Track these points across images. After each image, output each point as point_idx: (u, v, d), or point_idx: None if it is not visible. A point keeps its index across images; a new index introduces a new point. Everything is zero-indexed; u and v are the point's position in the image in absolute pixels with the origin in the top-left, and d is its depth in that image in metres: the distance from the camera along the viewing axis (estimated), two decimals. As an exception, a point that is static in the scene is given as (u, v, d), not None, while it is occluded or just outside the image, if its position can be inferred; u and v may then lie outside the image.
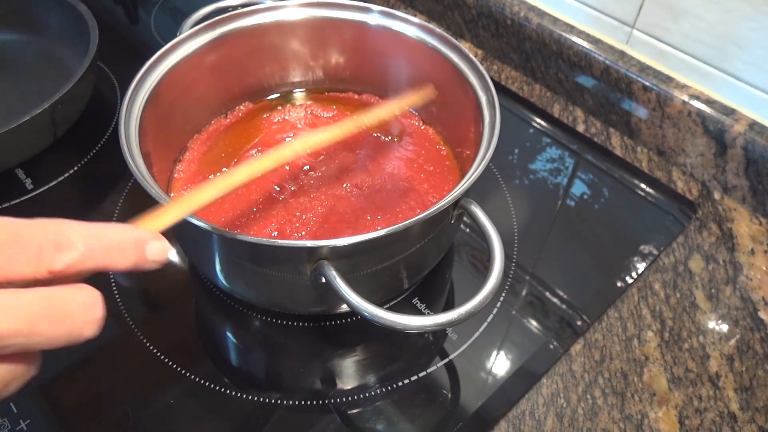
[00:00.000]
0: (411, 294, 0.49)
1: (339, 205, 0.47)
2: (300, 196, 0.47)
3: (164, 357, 0.44)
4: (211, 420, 0.42)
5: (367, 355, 0.46)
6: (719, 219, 0.56)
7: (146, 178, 0.38)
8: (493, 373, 0.44)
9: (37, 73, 0.66)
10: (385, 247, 0.39)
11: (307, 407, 0.42)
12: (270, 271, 0.40)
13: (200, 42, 0.49)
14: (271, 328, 0.47)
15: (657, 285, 0.50)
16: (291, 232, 0.45)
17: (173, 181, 0.49)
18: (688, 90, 0.57)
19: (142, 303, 0.48)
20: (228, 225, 0.45)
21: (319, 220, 0.46)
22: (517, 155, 0.61)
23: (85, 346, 0.45)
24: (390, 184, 0.49)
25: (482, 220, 0.38)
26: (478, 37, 0.73)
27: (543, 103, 0.67)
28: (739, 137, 0.54)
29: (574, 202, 0.57)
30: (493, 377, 0.44)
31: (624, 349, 0.46)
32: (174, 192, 0.48)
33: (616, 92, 0.62)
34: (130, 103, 0.43)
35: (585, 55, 0.63)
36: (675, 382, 0.44)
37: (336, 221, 0.46)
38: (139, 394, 0.43)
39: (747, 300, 0.50)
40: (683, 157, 0.59)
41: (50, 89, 0.54)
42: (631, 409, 0.43)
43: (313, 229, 0.45)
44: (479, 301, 0.35)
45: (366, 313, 0.35)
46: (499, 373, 0.44)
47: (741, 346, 0.47)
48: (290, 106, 0.57)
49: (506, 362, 0.45)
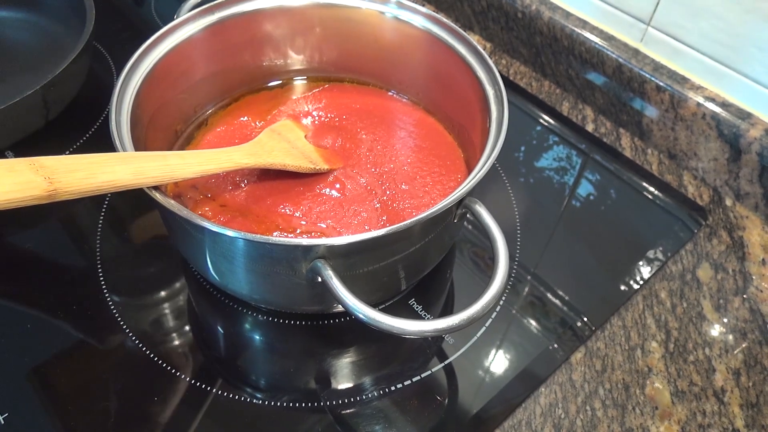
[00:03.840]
0: (407, 295, 0.47)
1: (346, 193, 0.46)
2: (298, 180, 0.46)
3: (152, 354, 0.43)
4: (199, 419, 0.41)
5: (363, 356, 0.45)
6: (730, 227, 0.54)
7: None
8: (492, 378, 0.43)
9: (31, 52, 0.64)
10: (385, 246, 0.38)
11: (301, 408, 0.41)
12: (264, 269, 0.38)
13: (198, 26, 0.47)
14: (265, 327, 0.46)
15: (663, 293, 0.49)
16: (292, 219, 0.44)
17: None
18: (703, 92, 0.56)
19: (131, 298, 0.47)
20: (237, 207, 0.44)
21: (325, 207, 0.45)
22: (523, 153, 0.60)
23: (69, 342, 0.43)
24: (395, 173, 0.48)
25: (487, 220, 0.37)
26: (487, 29, 0.71)
27: (552, 101, 0.65)
28: (754, 142, 0.52)
29: (580, 203, 0.56)
30: (491, 382, 0.43)
31: (626, 360, 0.45)
32: (169, 185, 0.47)
33: (628, 91, 0.60)
34: (123, 86, 0.41)
35: (597, 52, 0.61)
36: (678, 395, 0.43)
37: (337, 209, 0.45)
38: (124, 392, 0.41)
39: (756, 312, 0.48)
40: (695, 161, 0.58)
41: (44, 69, 0.52)
42: (632, 423, 0.41)
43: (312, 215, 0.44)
44: (482, 307, 0.34)
45: (362, 316, 0.34)
46: (498, 379, 0.43)
47: (748, 360, 0.45)
48: (290, 93, 0.55)
49: (506, 367, 0.44)
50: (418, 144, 0.51)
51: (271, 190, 0.46)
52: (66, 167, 0.33)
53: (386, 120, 0.53)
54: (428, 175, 0.48)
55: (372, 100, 0.55)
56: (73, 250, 0.49)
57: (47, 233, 0.51)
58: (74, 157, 0.34)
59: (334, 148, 0.50)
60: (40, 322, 0.44)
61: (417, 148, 0.51)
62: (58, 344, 0.43)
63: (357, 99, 0.55)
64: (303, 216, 0.44)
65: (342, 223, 0.44)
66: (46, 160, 0.33)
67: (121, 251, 0.50)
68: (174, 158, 0.38)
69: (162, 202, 0.36)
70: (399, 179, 0.48)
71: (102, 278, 0.47)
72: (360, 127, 0.52)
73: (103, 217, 0.51)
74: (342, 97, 0.55)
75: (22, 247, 0.50)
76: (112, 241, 0.50)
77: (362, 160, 0.49)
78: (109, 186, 0.35)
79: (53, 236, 0.51)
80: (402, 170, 0.48)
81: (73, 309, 0.45)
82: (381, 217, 0.45)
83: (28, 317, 0.45)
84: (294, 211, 0.45)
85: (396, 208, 0.46)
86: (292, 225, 0.44)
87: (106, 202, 0.52)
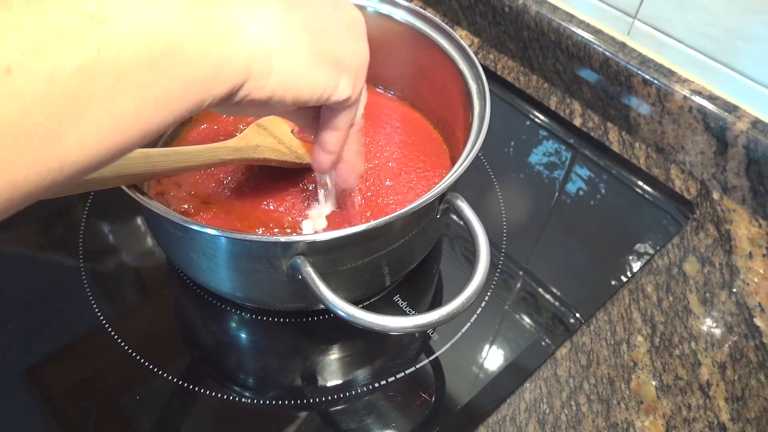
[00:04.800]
0: (392, 291, 0.47)
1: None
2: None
3: (135, 353, 0.43)
4: (183, 419, 0.40)
5: (348, 352, 0.45)
6: (717, 220, 0.54)
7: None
8: (478, 373, 0.43)
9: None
10: (366, 242, 0.38)
11: (288, 406, 0.41)
12: (245, 267, 0.38)
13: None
14: (250, 325, 0.45)
15: (649, 288, 0.49)
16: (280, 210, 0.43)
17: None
18: (689, 85, 0.55)
19: (114, 297, 0.46)
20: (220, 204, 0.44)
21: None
22: (511, 148, 0.59)
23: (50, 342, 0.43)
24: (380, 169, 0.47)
25: (468, 215, 0.37)
26: (474, 24, 0.71)
27: (540, 95, 0.65)
28: (741, 135, 0.52)
29: (569, 198, 0.55)
30: (477, 377, 0.43)
31: (612, 354, 0.45)
32: (152, 183, 0.46)
33: (616, 85, 0.60)
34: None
35: (584, 46, 0.60)
36: (664, 389, 0.43)
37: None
38: (107, 392, 0.41)
39: (742, 306, 0.48)
40: (682, 155, 0.57)
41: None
42: (617, 417, 0.41)
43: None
44: (462, 302, 0.34)
45: (342, 313, 0.33)
46: (484, 373, 0.43)
47: (734, 354, 0.45)
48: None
49: (492, 362, 0.43)
50: (403, 140, 0.51)
51: (255, 186, 0.46)
52: None
53: (372, 115, 0.52)
54: (413, 171, 0.48)
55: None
56: (54, 247, 0.49)
57: (28, 229, 0.50)
58: None
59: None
60: (20, 322, 0.44)
61: (402, 143, 0.50)
62: (39, 344, 0.43)
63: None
64: (286, 212, 0.44)
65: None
66: None
67: (104, 249, 0.49)
68: (156, 155, 0.38)
69: (140, 200, 0.35)
70: (384, 175, 0.47)
71: (84, 277, 0.46)
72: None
73: (86, 215, 0.51)
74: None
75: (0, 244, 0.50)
76: (95, 239, 0.50)
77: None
78: (89, 184, 0.34)
79: (35, 233, 0.50)
80: (387, 166, 0.48)
81: (55, 308, 0.45)
82: (365, 213, 0.45)
83: (8, 316, 0.44)
84: (277, 207, 0.44)
85: (380, 204, 0.45)
86: (275, 221, 0.44)
87: (90, 198, 0.52)
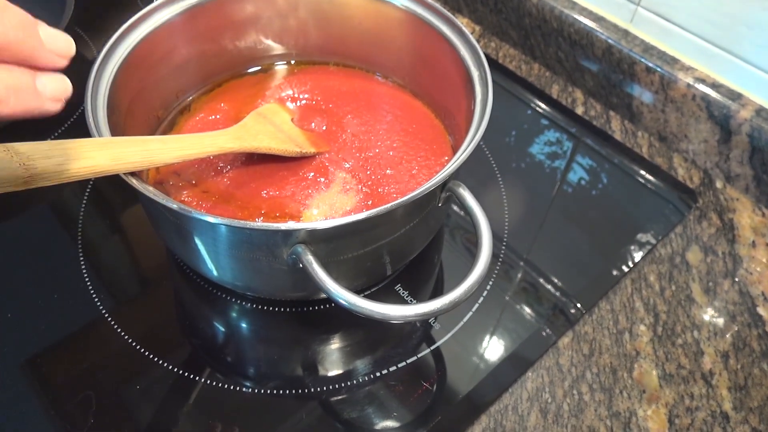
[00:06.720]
0: (394, 280, 0.47)
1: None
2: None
3: (135, 343, 0.42)
4: (183, 409, 0.40)
5: (350, 341, 0.44)
6: (720, 209, 0.54)
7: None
8: (480, 363, 0.43)
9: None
10: (368, 230, 0.37)
11: (289, 395, 0.41)
12: (245, 255, 0.38)
13: (176, 9, 0.46)
14: (251, 315, 0.45)
15: (652, 277, 0.48)
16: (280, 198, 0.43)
17: None
18: (693, 72, 0.55)
19: (114, 287, 0.46)
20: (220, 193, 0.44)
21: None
22: (513, 138, 0.59)
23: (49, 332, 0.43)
24: (381, 157, 0.47)
25: (470, 203, 0.36)
26: (476, 11, 0.70)
27: (541, 84, 0.65)
28: (744, 124, 0.52)
29: (571, 187, 0.55)
30: (479, 367, 0.42)
31: (614, 343, 0.44)
32: (150, 172, 0.46)
33: (618, 73, 0.59)
34: (99, 72, 0.41)
35: (587, 33, 0.60)
36: (666, 378, 0.43)
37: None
38: (107, 382, 0.41)
39: (745, 294, 0.48)
40: (685, 144, 0.57)
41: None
42: (619, 406, 0.41)
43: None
44: (464, 291, 0.33)
45: (343, 302, 0.33)
46: (485, 363, 0.43)
47: (737, 343, 0.45)
48: (275, 78, 0.54)
49: (493, 351, 0.43)
50: (404, 128, 0.50)
51: (255, 175, 0.45)
52: (42, 153, 0.33)
53: (372, 103, 0.52)
54: (414, 160, 0.48)
55: (358, 84, 0.54)
56: (53, 237, 0.49)
57: (27, 219, 0.50)
58: (50, 142, 0.33)
59: (320, 132, 0.49)
60: (19, 312, 0.44)
61: (403, 131, 0.50)
62: (38, 334, 0.43)
63: (343, 82, 0.54)
64: (286, 201, 0.44)
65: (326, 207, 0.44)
66: (21, 146, 0.32)
67: (104, 239, 0.49)
68: (154, 143, 0.38)
69: (139, 188, 0.35)
70: (384, 164, 0.47)
71: (83, 266, 0.46)
72: (346, 110, 0.51)
73: (86, 204, 0.50)
74: (328, 81, 0.54)
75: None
76: (94, 228, 0.49)
77: (348, 145, 0.48)
78: (87, 172, 0.34)
79: (33, 222, 0.50)
80: (387, 155, 0.48)
81: (53, 297, 0.45)
82: (366, 201, 0.44)
83: (7, 307, 0.44)
84: (277, 195, 0.44)
85: (381, 192, 0.45)
86: (275, 210, 0.43)
87: (89, 187, 0.51)
